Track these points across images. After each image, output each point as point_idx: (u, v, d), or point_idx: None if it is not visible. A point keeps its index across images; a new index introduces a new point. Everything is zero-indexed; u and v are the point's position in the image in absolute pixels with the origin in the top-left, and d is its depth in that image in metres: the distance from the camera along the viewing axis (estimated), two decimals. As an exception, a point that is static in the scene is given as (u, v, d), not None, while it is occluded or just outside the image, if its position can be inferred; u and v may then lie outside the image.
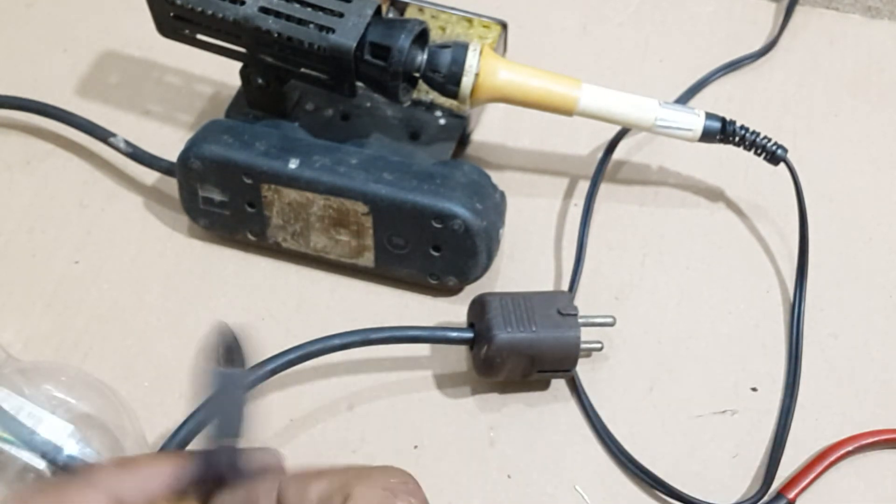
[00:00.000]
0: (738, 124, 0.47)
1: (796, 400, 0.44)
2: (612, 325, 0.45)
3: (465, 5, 0.52)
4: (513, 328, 0.42)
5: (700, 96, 0.55)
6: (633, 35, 0.58)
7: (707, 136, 0.47)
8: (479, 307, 0.43)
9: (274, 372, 0.41)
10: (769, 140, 0.47)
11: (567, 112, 0.46)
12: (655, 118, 0.46)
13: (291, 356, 0.41)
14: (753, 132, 0.47)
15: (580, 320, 0.43)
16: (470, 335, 0.43)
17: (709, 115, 0.47)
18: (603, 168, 0.51)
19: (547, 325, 0.42)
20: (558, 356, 0.43)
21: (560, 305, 0.43)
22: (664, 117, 0.46)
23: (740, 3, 0.60)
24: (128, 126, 0.52)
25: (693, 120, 0.46)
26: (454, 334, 0.43)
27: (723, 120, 0.47)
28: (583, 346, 0.43)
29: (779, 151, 0.47)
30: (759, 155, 0.47)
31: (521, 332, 0.42)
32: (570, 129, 0.52)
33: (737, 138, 0.47)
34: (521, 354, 0.42)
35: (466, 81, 0.44)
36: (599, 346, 0.44)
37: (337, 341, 0.42)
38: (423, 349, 0.46)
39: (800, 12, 0.59)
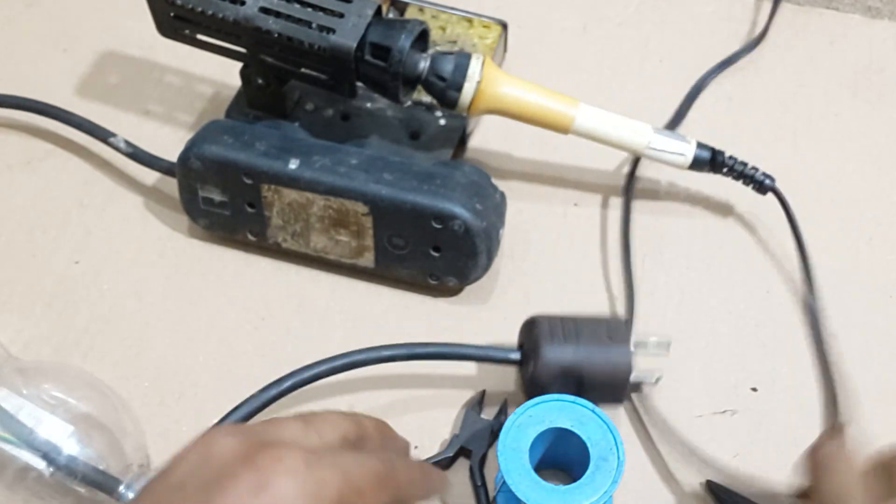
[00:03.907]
0: (728, 155, 0.47)
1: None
2: (668, 347, 0.42)
3: (465, 5, 0.52)
4: (560, 345, 0.40)
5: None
6: (633, 35, 0.58)
7: (697, 164, 0.47)
8: (528, 328, 0.42)
9: (317, 377, 0.41)
10: (757, 170, 0.48)
11: (562, 130, 0.46)
12: (648, 143, 0.46)
13: (336, 363, 0.41)
14: (742, 163, 0.48)
15: (633, 348, 0.41)
16: (517, 355, 0.42)
17: (700, 145, 0.47)
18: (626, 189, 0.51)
19: (596, 347, 0.41)
20: (607, 380, 0.41)
21: (611, 329, 0.41)
22: (656, 143, 0.46)
23: (740, 3, 0.60)
24: (128, 126, 0.52)
25: (684, 147, 0.47)
26: (501, 354, 0.42)
27: (713, 150, 0.47)
28: (634, 375, 0.41)
29: (766, 181, 0.48)
30: (748, 185, 0.48)
31: (567, 349, 0.40)
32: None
33: (725, 168, 0.47)
34: (567, 374, 0.41)
35: (468, 87, 0.44)
36: (655, 379, 0.42)
37: (385, 353, 0.41)
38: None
39: (800, 12, 0.59)
